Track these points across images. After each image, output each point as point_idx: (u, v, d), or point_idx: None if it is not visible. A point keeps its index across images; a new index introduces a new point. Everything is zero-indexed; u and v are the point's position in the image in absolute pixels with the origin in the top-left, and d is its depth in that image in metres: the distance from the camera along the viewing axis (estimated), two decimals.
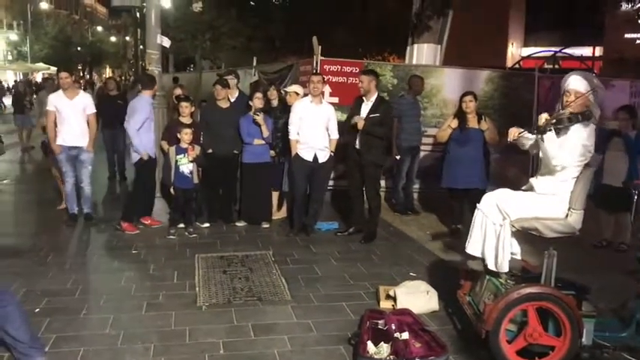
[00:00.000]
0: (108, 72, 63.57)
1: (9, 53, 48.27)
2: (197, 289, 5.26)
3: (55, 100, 7.25)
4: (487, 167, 7.26)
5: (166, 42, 7.73)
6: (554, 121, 3.94)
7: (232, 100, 7.88)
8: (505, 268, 4.12)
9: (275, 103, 7.77)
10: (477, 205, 4.33)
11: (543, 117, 4.02)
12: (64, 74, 7.29)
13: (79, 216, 7.52)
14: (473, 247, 4.31)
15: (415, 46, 11.34)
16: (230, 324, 4.54)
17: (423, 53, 11.16)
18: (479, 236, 4.27)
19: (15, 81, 33.71)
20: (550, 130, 3.93)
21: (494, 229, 4.17)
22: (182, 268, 5.83)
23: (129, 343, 4.15)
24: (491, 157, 7.57)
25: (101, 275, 5.68)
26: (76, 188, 7.47)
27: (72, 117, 7.22)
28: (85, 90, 10.25)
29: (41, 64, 43.44)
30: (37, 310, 4.65)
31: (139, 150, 7.14)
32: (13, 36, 49.26)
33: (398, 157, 8.33)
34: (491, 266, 4.18)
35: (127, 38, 65.47)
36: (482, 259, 4.26)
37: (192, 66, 33.06)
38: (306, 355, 4.09)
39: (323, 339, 4.33)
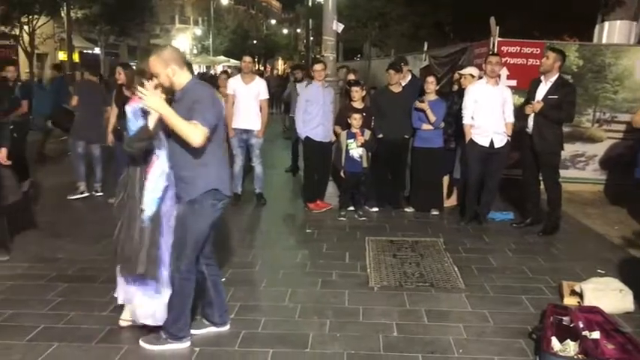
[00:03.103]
0: (280, 63, 66.77)
1: (194, 47, 52.62)
2: (368, 270, 5.30)
3: (234, 84, 7.71)
4: None
5: (340, 27, 7.84)
6: None
7: (404, 84, 7.81)
8: None
9: (455, 87, 7.56)
10: None
11: None
12: (247, 58, 7.72)
13: (242, 196, 7.88)
14: None
15: (606, 23, 10.36)
16: (402, 307, 4.50)
17: (615, 31, 10.16)
18: None
19: (199, 73, 36.63)
20: None
21: None
22: (353, 249, 5.91)
23: (305, 317, 4.29)
24: None
25: (278, 251, 5.95)
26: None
27: (246, 101, 7.61)
28: None
29: (221, 57, 46.84)
30: (223, 279, 4.95)
31: (300, 134, 7.46)
32: (198, 31, 53.59)
33: None
34: None
35: (298, 30, 68.17)
36: None
37: (359, 55, 33.50)
38: (483, 345, 3.92)
39: (500, 330, 4.12)
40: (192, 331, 3.95)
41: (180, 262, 3.68)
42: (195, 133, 3.44)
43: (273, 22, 71.78)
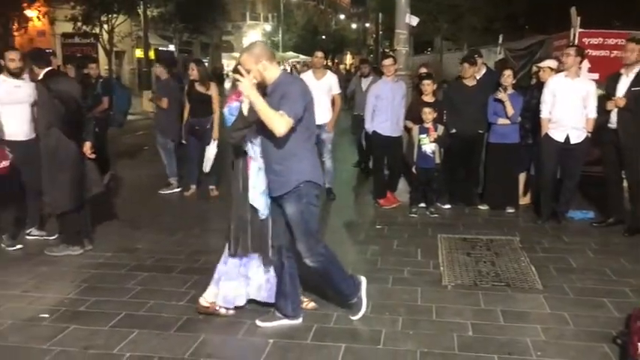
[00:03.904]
0: (348, 58, 66.72)
1: (264, 43, 53.41)
2: (441, 268, 5.21)
3: (305, 79, 7.74)
4: None
5: (414, 20, 7.74)
6: None
7: (478, 77, 7.62)
8: None
9: (533, 81, 7.31)
10: None
11: None
12: (319, 53, 7.76)
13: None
14: None
15: None
16: (477, 306, 4.39)
17: None
18: None
19: None
20: None
21: None
22: (425, 246, 5.82)
23: (377, 313, 4.26)
24: None
25: (348, 247, 5.94)
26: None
27: (317, 96, 7.59)
28: None
29: (291, 53, 47.29)
30: None
31: (368, 129, 7.43)
32: (268, 27, 54.32)
33: None
34: None
35: (367, 25, 67.86)
36: None
37: (430, 48, 32.98)
38: (562, 348, 3.77)
39: (581, 334, 3.96)
40: (264, 324, 4.02)
41: (308, 247, 3.86)
42: (280, 122, 3.57)
43: (342, 17, 71.81)
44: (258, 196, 4.00)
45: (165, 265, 5.21)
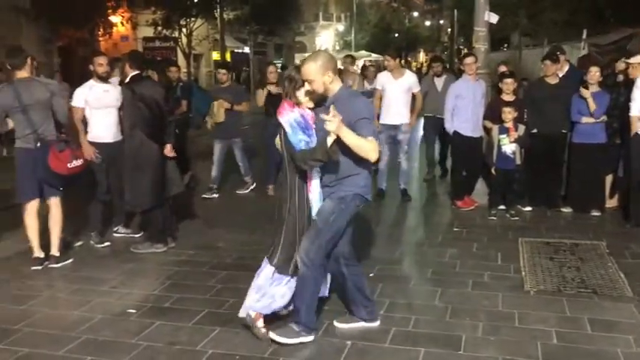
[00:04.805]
0: (422, 56, 65.90)
1: (337, 43, 53.52)
2: (522, 273, 5.05)
3: (383, 79, 7.72)
4: None
5: (494, 18, 7.54)
6: None
7: (561, 75, 7.33)
8: None
9: (621, 77, 6.96)
10: None
11: None
12: (388, 57, 7.71)
13: (386, 192, 7.87)
14: None
15: None
16: (562, 314, 4.23)
17: None
18: None
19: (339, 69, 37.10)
20: None
21: None
22: (505, 250, 5.66)
23: (457, 318, 4.18)
24: None
25: (426, 249, 5.86)
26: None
27: (395, 96, 7.57)
28: None
29: (363, 52, 47.15)
30: (372, 274, 5.00)
31: (448, 129, 7.27)
32: (340, 27, 54.41)
33: None
34: None
35: (441, 22, 66.76)
36: None
37: (506, 45, 32.07)
38: None
39: None
40: (341, 325, 4.03)
41: (312, 246, 3.71)
42: (372, 149, 3.57)
43: (416, 14, 70.90)
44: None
45: (244, 264, 5.31)
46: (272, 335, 3.83)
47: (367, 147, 3.54)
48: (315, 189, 3.80)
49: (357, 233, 4.14)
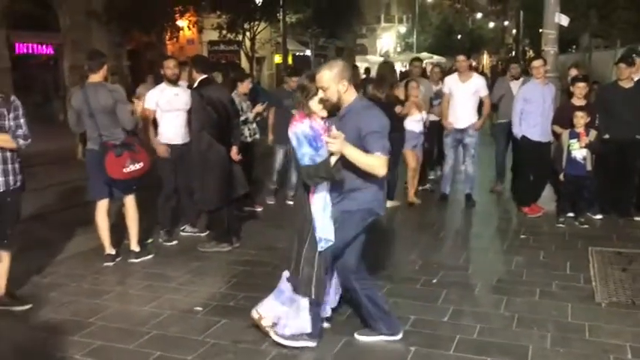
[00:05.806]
0: (485, 58, 64.57)
1: (398, 45, 53.15)
2: (593, 283, 4.88)
3: (450, 83, 7.63)
4: None
5: (565, 20, 7.32)
6: None
7: (636, 79, 7.04)
8: None
9: None
10: None
11: None
12: (461, 57, 7.60)
13: (449, 196, 7.79)
14: None
15: None
16: (637, 328, 4.07)
17: None
18: None
19: (400, 71, 36.70)
20: None
21: None
22: (574, 259, 5.49)
23: (523, 328, 4.09)
24: None
25: (491, 256, 5.77)
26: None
27: (463, 99, 7.47)
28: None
29: (425, 54, 46.63)
30: (434, 281, 4.96)
31: (516, 133, 7.10)
32: (402, 29, 54.02)
33: None
34: None
35: (506, 23, 65.26)
36: None
37: (574, 46, 31.00)
38: None
39: None
40: (362, 337, 3.95)
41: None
42: (380, 165, 3.51)
43: (479, 15, 69.57)
44: (322, 228, 3.70)
45: None
46: (273, 336, 3.89)
47: (374, 163, 3.49)
48: (317, 202, 3.69)
49: (420, 239, 4.09)
